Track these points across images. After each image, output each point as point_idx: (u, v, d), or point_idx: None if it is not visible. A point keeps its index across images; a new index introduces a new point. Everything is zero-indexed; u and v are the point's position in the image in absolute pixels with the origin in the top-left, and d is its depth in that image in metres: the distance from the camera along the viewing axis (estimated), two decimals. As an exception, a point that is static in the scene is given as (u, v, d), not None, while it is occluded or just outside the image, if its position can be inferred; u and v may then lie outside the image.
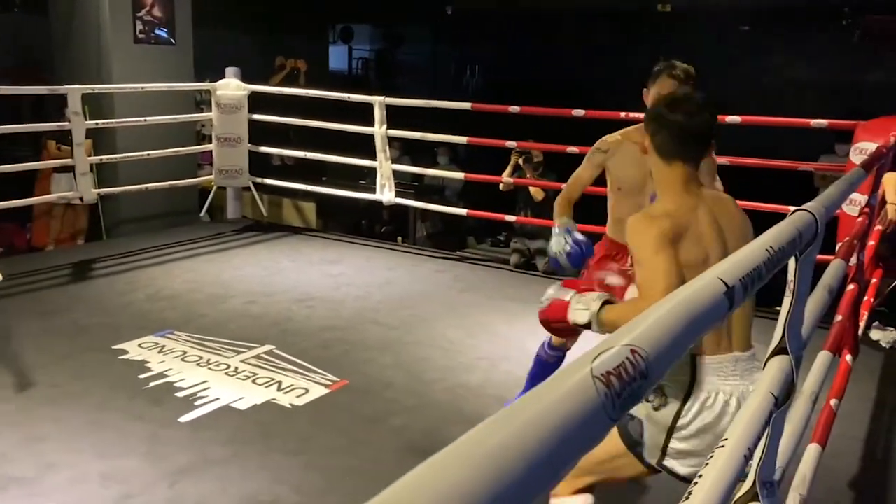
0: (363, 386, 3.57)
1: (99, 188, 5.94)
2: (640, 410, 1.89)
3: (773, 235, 1.19)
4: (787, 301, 1.45)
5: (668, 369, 0.69)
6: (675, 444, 1.82)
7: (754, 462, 1.40)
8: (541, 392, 0.54)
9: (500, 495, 0.44)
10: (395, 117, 6.00)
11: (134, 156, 5.99)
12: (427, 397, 3.51)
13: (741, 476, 1.19)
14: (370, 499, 0.43)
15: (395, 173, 6.21)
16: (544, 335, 4.34)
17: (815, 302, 1.84)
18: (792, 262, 1.42)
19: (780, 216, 1.43)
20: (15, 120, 5.87)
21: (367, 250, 6.17)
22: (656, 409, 1.86)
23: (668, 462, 1.84)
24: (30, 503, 2.56)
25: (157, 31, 6.30)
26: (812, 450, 2.29)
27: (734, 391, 1.81)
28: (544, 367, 3.09)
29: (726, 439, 1.14)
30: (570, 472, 1.16)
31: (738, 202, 1.98)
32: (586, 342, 2.17)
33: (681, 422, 1.82)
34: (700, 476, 1.05)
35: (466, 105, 5.98)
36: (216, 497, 2.63)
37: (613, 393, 0.57)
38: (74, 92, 5.38)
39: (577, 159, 3.03)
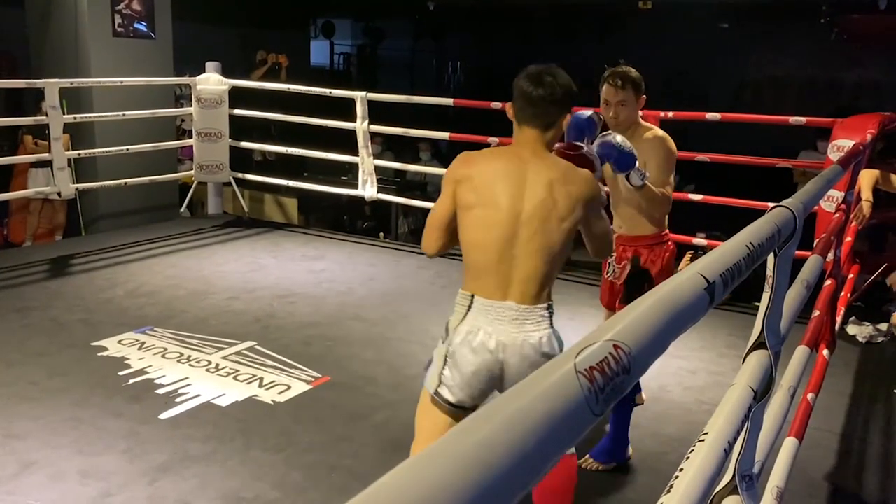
0: (345, 382, 3.57)
1: (77, 183, 5.88)
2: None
3: (753, 231, 1.21)
4: (765, 296, 1.47)
5: (651, 364, 0.70)
6: (445, 371, 2.06)
7: (733, 455, 1.42)
8: (525, 387, 0.54)
9: (484, 491, 0.44)
10: (377, 113, 5.99)
11: (113, 150, 5.93)
12: (409, 393, 3.50)
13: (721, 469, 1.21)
14: (352, 495, 0.43)
15: (377, 169, 6.20)
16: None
17: (793, 297, 1.86)
18: (770, 258, 1.43)
19: (759, 212, 1.45)
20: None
21: (348, 246, 6.15)
22: (443, 341, 2.09)
23: (442, 390, 2.07)
24: (8, 501, 2.53)
25: (137, 25, 6.24)
26: (789, 443, 2.32)
27: (498, 334, 1.99)
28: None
29: (706, 433, 1.15)
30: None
31: (721, 198, 2.02)
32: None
33: (448, 350, 2.05)
34: (681, 469, 1.06)
35: (448, 101, 5.98)
36: (196, 494, 2.61)
37: (597, 388, 0.57)
38: (52, 86, 5.31)
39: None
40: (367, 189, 6.08)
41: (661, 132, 2.86)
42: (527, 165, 2.03)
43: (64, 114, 5.51)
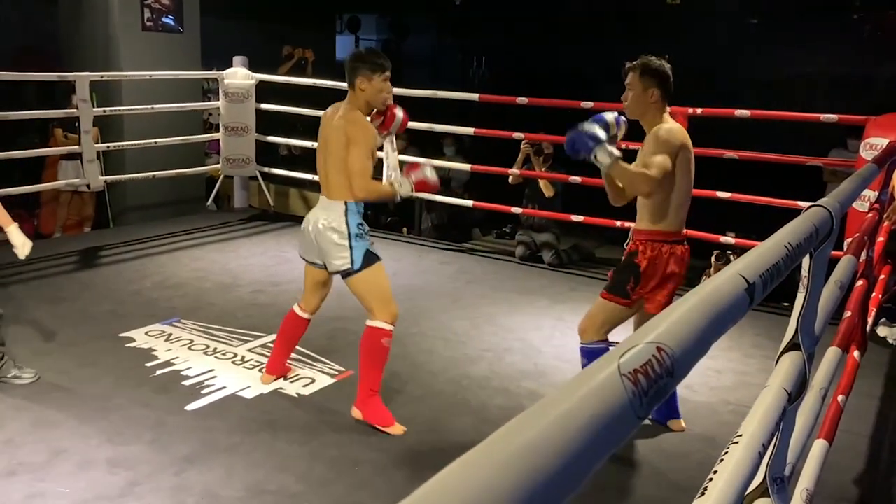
0: (369, 376, 3.57)
1: (106, 176, 5.94)
2: None
3: (791, 231, 1.18)
4: (800, 297, 1.44)
5: (693, 365, 0.69)
6: None
7: (765, 457, 1.40)
8: (569, 390, 0.53)
9: (531, 494, 0.44)
10: (402, 107, 5.97)
11: (141, 144, 5.99)
12: (432, 388, 3.51)
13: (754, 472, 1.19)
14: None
15: (401, 164, 6.19)
16: (548, 328, 4.34)
17: (826, 298, 1.83)
18: (806, 259, 1.41)
19: (787, 211, 1.43)
20: (22, 107, 5.87)
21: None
22: None
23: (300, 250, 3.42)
24: (38, 488, 2.57)
25: (165, 19, 6.29)
26: (819, 445, 2.29)
27: (312, 217, 3.15)
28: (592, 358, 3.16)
29: (740, 435, 1.13)
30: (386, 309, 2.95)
31: (750, 196, 1.99)
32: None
33: None
34: (715, 472, 1.04)
35: (474, 96, 5.97)
36: (221, 485, 2.63)
37: (641, 391, 0.56)
38: (82, 79, 5.38)
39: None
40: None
41: (667, 125, 2.88)
42: (335, 111, 3.12)
43: (94, 107, 5.57)
